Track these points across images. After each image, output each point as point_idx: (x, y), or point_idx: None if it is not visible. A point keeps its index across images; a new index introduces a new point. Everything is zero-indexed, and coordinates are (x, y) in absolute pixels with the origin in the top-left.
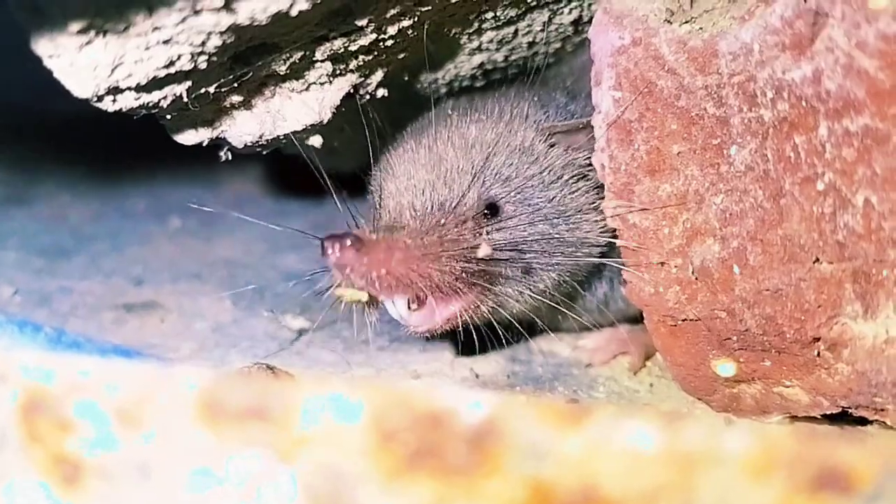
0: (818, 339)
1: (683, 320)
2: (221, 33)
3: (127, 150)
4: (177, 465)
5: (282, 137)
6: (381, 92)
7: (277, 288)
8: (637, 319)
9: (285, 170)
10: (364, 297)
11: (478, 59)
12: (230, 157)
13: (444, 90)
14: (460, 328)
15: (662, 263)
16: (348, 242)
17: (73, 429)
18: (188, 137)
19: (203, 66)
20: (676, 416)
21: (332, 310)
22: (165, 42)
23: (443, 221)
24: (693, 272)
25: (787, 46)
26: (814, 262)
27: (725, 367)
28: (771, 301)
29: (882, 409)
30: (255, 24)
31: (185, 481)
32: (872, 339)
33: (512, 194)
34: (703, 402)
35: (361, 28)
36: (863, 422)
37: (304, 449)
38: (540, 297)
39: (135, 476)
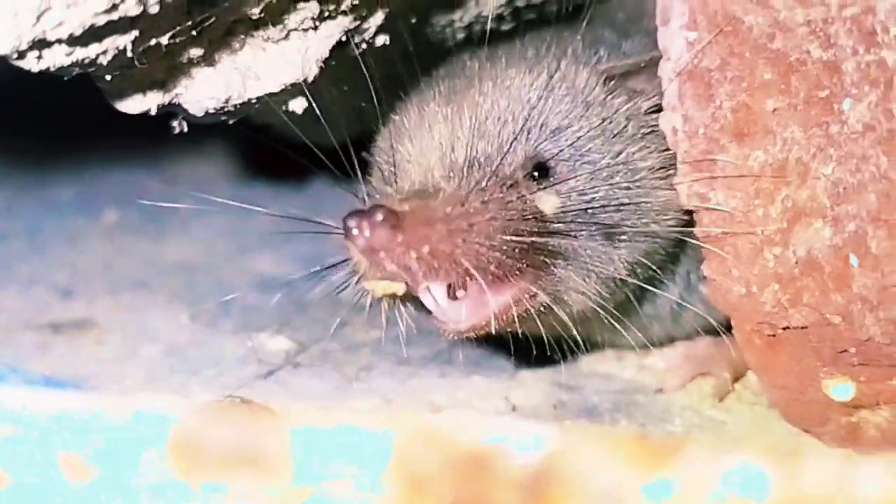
0: None
1: (785, 328)
2: None
3: (49, 126)
4: None
5: (254, 101)
6: (382, 39)
7: (247, 298)
8: (723, 329)
9: (253, 146)
10: (401, 289)
11: None
12: (185, 129)
13: (462, 36)
14: (512, 330)
15: (757, 250)
16: (379, 217)
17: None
18: (133, 104)
19: (154, 9)
20: (793, 452)
21: (324, 328)
22: None
23: (483, 184)
24: (797, 265)
25: None
26: None
27: (841, 389)
28: None
29: None
30: None
31: None
32: None
33: (565, 151)
34: (811, 435)
35: None
36: None
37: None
38: (608, 288)
39: None
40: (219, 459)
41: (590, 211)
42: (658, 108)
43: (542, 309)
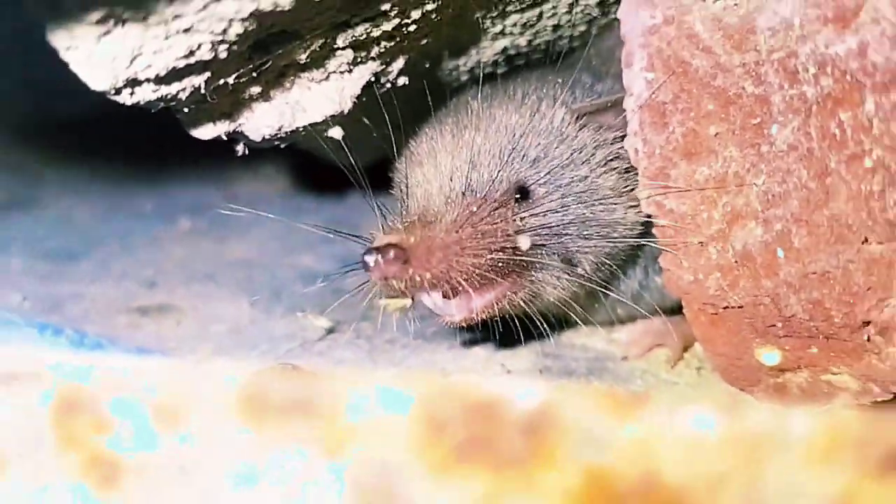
0: (868, 323)
1: (725, 308)
2: (243, 20)
3: (132, 150)
4: (218, 463)
5: (301, 129)
6: (403, 80)
7: (294, 289)
8: (674, 311)
9: (298, 166)
10: (408, 303)
11: (501, 43)
12: (247, 152)
13: (465, 77)
14: (497, 318)
15: (702, 247)
16: (391, 255)
17: (110, 428)
18: (205, 132)
19: (223, 55)
20: (738, 401)
21: (355, 310)
22: (186, 31)
23: (474, 208)
24: (734, 257)
25: (829, 19)
26: (862, 243)
27: (770, 356)
28: (818, 285)
29: None
30: (278, 9)
31: (227, 480)
32: None
33: (542, 177)
34: (746, 393)
35: (385, 12)
36: None
37: (352, 443)
38: (576, 284)
39: (175, 475)
40: (277, 410)
41: (562, 225)
42: (621, 138)
43: (521, 303)
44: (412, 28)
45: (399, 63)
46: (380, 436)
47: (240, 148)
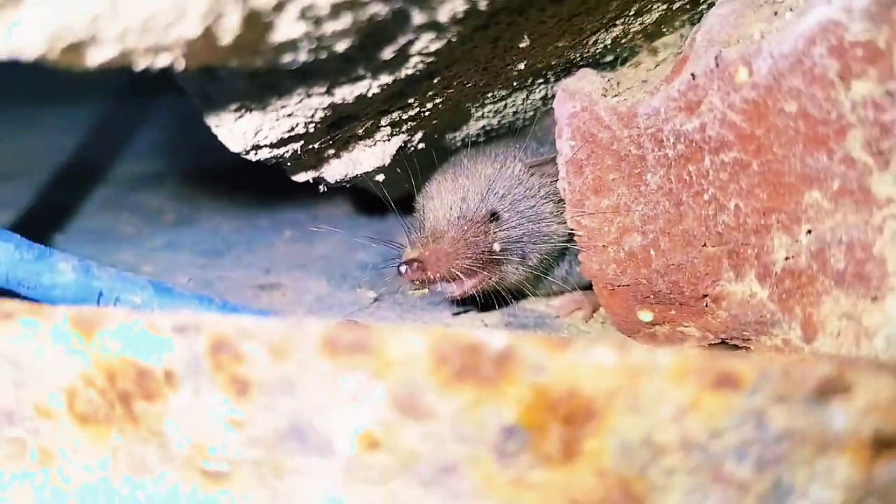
0: (706, 296)
1: (618, 286)
2: (324, 108)
3: (255, 188)
4: (309, 381)
5: (358, 175)
6: (421, 145)
7: (354, 273)
8: (588, 287)
9: (357, 197)
10: (426, 291)
11: (481, 123)
12: (325, 190)
13: (459, 144)
14: (479, 294)
15: (604, 249)
16: (415, 266)
17: (243, 360)
18: (300, 177)
19: (311, 130)
20: (627, 343)
21: (391, 288)
22: (289, 115)
23: (465, 227)
24: (624, 255)
25: (682, 108)
26: (702, 246)
27: (645, 315)
28: (675, 272)
29: (748, 339)
30: (345, 102)
31: (314, 392)
32: (741, 294)
33: (507, 206)
34: (631, 339)
35: (411, 104)
36: (734, 349)
37: (391, 370)
38: (528, 272)
39: (283, 389)
40: (346, 347)
41: (519, 236)
42: (555, 181)
43: (493, 285)
44: (427, 114)
45: (419, 135)
46: (408, 366)
47: (321, 187)
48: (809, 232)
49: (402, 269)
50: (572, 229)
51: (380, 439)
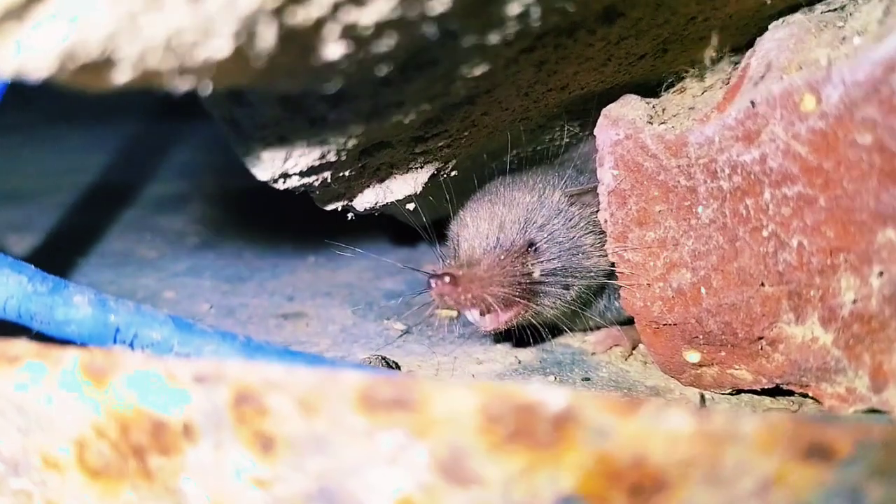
0: (762, 338)
1: (664, 325)
2: (357, 136)
3: (281, 214)
4: (342, 439)
5: (389, 203)
6: (454, 173)
7: (380, 302)
8: (626, 322)
9: (383, 224)
10: (454, 313)
11: (516, 150)
12: (354, 217)
13: (491, 172)
14: (515, 328)
15: (649, 286)
16: (447, 280)
17: (269, 414)
18: (330, 205)
19: (343, 158)
20: (705, 409)
21: (420, 318)
22: (321, 143)
23: (502, 257)
24: (672, 292)
25: (739, 138)
26: (760, 286)
27: (693, 356)
28: (728, 312)
29: (806, 386)
30: (381, 128)
31: (347, 451)
32: (802, 338)
33: (545, 237)
34: (675, 379)
35: (447, 130)
36: (789, 393)
37: (435, 429)
38: (565, 306)
39: (313, 446)
40: (384, 402)
41: (557, 268)
42: (596, 212)
43: (529, 319)
44: (462, 140)
45: (451, 164)
46: (453, 425)
47: (350, 215)
48: (881, 274)
49: (433, 282)
50: (613, 263)
51: None
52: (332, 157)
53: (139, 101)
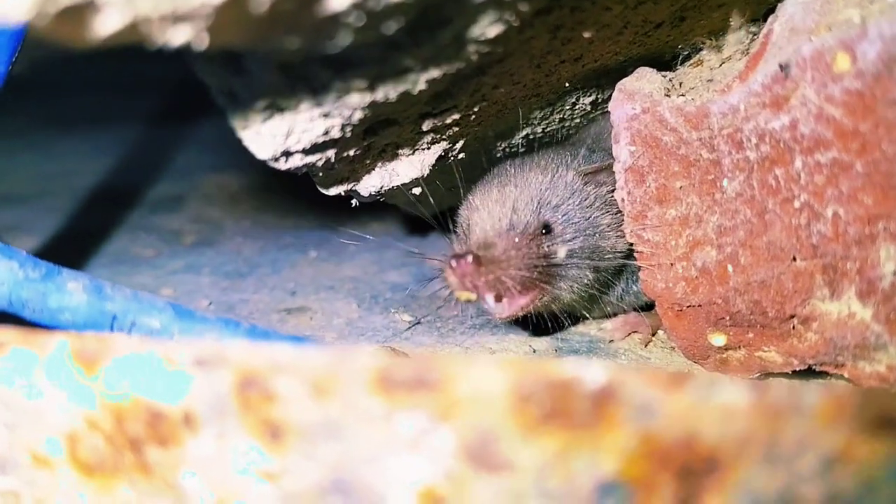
0: (794, 316)
1: (687, 307)
2: (363, 108)
3: (279, 207)
4: (357, 424)
5: (394, 188)
6: (462, 155)
7: (386, 295)
8: (644, 307)
9: (387, 216)
10: (473, 296)
11: (526, 131)
12: (358, 204)
13: (500, 154)
14: (532, 314)
15: (671, 266)
16: (469, 259)
17: (276, 399)
18: (332, 190)
19: (348, 135)
20: (762, 381)
21: (429, 309)
22: (324, 116)
23: (516, 240)
24: (695, 271)
25: (767, 104)
26: (792, 260)
27: (718, 339)
28: (758, 290)
29: (842, 365)
30: (387, 101)
31: (363, 438)
32: (837, 314)
33: (560, 217)
34: (698, 365)
35: (456, 105)
36: (822, 374)
37: (460, 410)
38: (582, 290)
39: (326, 433)
40: (404, 383)
41: (573, 250)
42: (612, 191)
43: (546, 303)
44: (472, 117)
45: (460, 143)
46: (481, 406)
47: (353, 201)
48: None
49: (454, 262)
50: (631, 244)
51: (445, 496)
52: (336, 134)
53: (134, 107)
